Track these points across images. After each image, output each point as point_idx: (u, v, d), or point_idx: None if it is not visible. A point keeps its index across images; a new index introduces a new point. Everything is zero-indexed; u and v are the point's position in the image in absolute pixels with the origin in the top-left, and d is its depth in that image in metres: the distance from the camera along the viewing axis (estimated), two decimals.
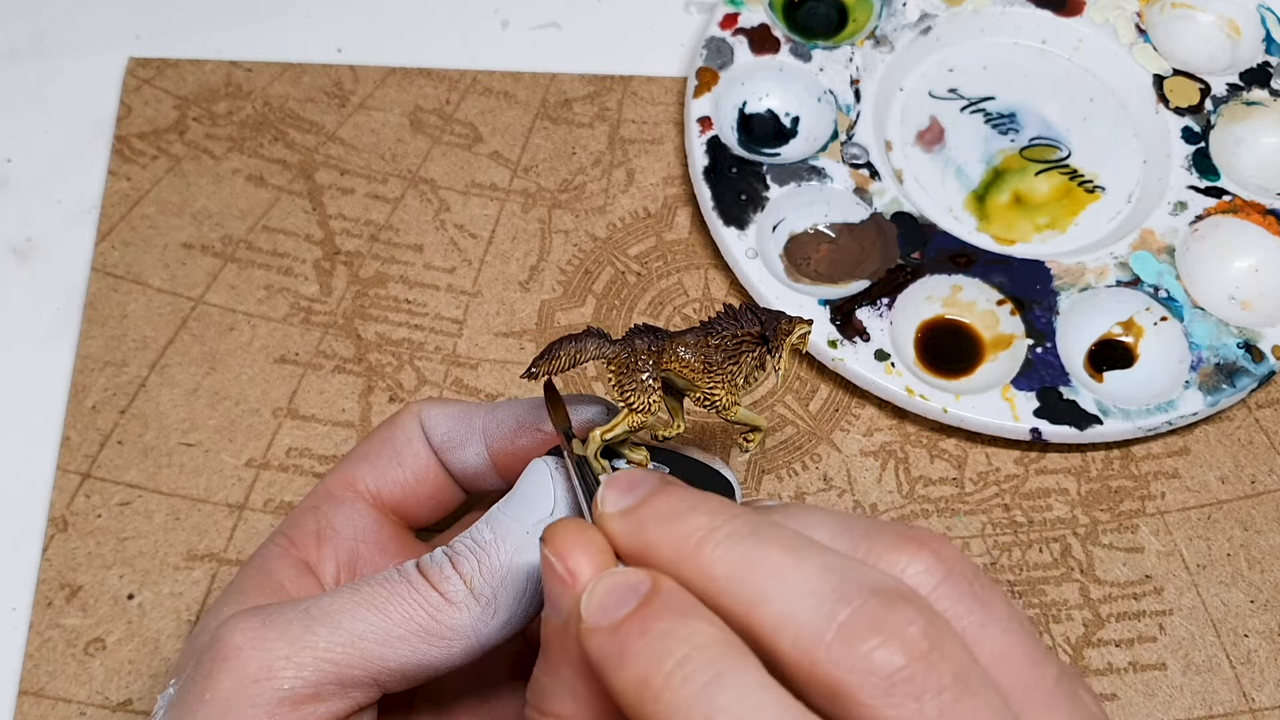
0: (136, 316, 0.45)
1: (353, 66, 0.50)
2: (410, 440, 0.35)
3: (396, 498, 0.35)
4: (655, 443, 0.35)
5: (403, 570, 0.30)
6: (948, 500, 0.43)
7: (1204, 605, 0.41)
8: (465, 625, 0.29)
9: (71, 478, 0.42)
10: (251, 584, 0.32)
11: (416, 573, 0.30)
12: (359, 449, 0.36)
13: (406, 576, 0.30)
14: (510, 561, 0.30)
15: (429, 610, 0.29)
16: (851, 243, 0.46)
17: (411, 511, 0.36)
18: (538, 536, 0.28)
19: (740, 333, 0.32)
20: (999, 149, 0.49)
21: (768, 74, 0.49)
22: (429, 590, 0.29)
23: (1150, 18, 0.51)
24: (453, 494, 0.36)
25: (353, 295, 0.46)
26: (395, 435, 0.35)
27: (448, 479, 0.36)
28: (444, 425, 0.35)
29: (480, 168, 0.48)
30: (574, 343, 0.32)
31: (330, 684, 0.28)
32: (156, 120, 0.49)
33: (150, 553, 0.41)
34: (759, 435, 0.33)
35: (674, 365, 0.32)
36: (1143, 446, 0.44)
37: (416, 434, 0.35)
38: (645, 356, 0.32)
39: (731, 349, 0.32)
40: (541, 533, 0.27)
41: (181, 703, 0.29)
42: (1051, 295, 0.45)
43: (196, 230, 0.47)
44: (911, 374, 0.43)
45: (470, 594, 0.29)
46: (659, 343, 0.32)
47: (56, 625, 0.40)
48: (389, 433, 0.36)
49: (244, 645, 0.28)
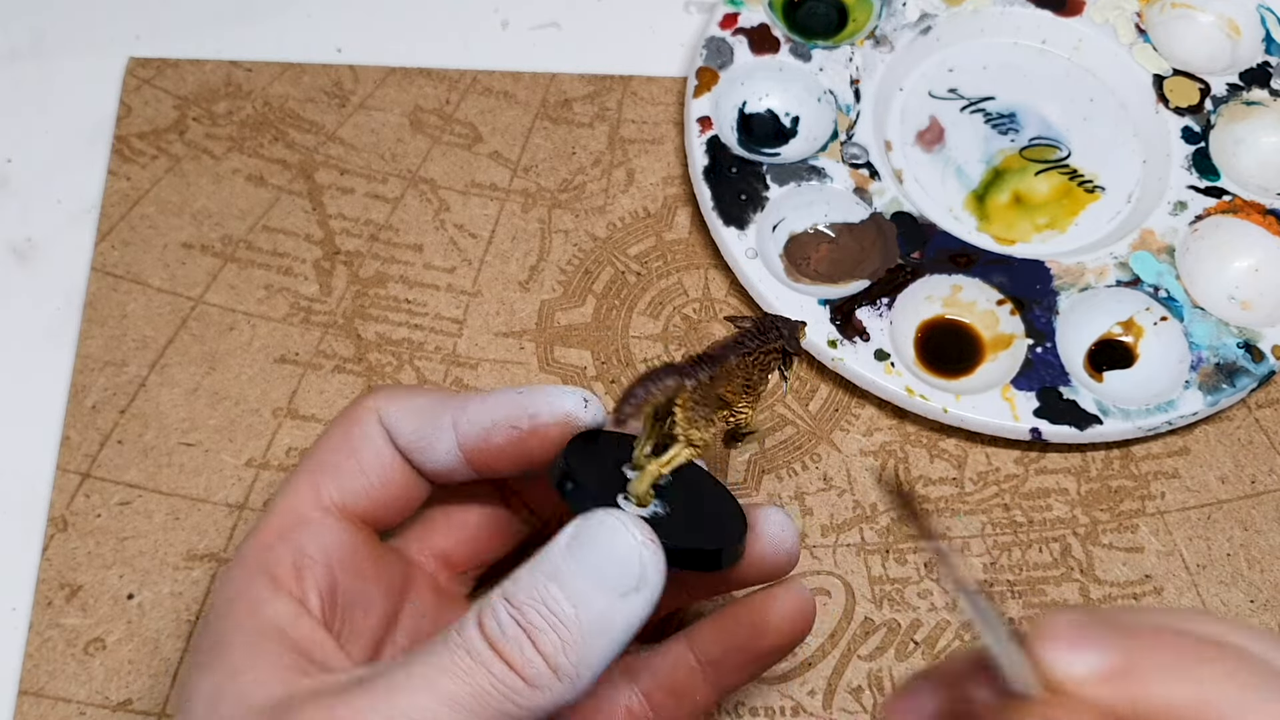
0: (136, 316, 0.45)
1: (353, 66, 0.50)
2: (372, 441, 0.33)
3: (362, 507, 0.33)
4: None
5: (468, 645, 0.27)
6: (948, 500, 0.43)
7: (1204, 605, 0.41)
8: (546, 706, 0.27)
9: (71, 477, 0.42)
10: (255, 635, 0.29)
11: (489, 650, 0.27)
12: (317, 456, 0.33)
13: (478, 655, 0.27)
14: (596, 636, 0.27)
15: (510, 695, 0.27)
16: (851, 243, 0.46)
17: (379, 517, 0.34)
18: (628, 609, 0.27)
19: (767, 347, 0.32)
20: (999, 149, 0.49)
21: (768, 74, 0.49)
22: (508, 673, 0.27)
23: (1150, 18, 0.51)
24: (420, 490, 0.34)
25: (353, 295, 0.46)
26: (353, 437, 0.33)
27: (415, 477, 0.34)
28: (409, 423, 0.33)
29: (480, 167, 0.48)
30: (654, 384, 0.30)
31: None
32: (156, 120, 0.49)
33: (150, 552, 0.41)
34: (754, 437, 0.33)
35: (728, 394, 0.31)
36: (1143, 446, 0.44)
37: (378, 434, 0.33)
38: (709, 388, 0.31)
39: (765, 365, 0.32)
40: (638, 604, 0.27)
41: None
42: (1051, 295, 0.45)
43: (196, 230, 0.47)
44: (911, 374, 0.43)
45: (554, 675, 0.27)
46: (712, 369, 0.31)
47: (56, 625, 0.40)
48: (346, 437, 0.33)
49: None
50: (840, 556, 0.42)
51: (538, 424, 0.32)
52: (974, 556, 0.42)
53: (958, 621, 0.41)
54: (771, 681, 0.40)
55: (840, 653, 0.40)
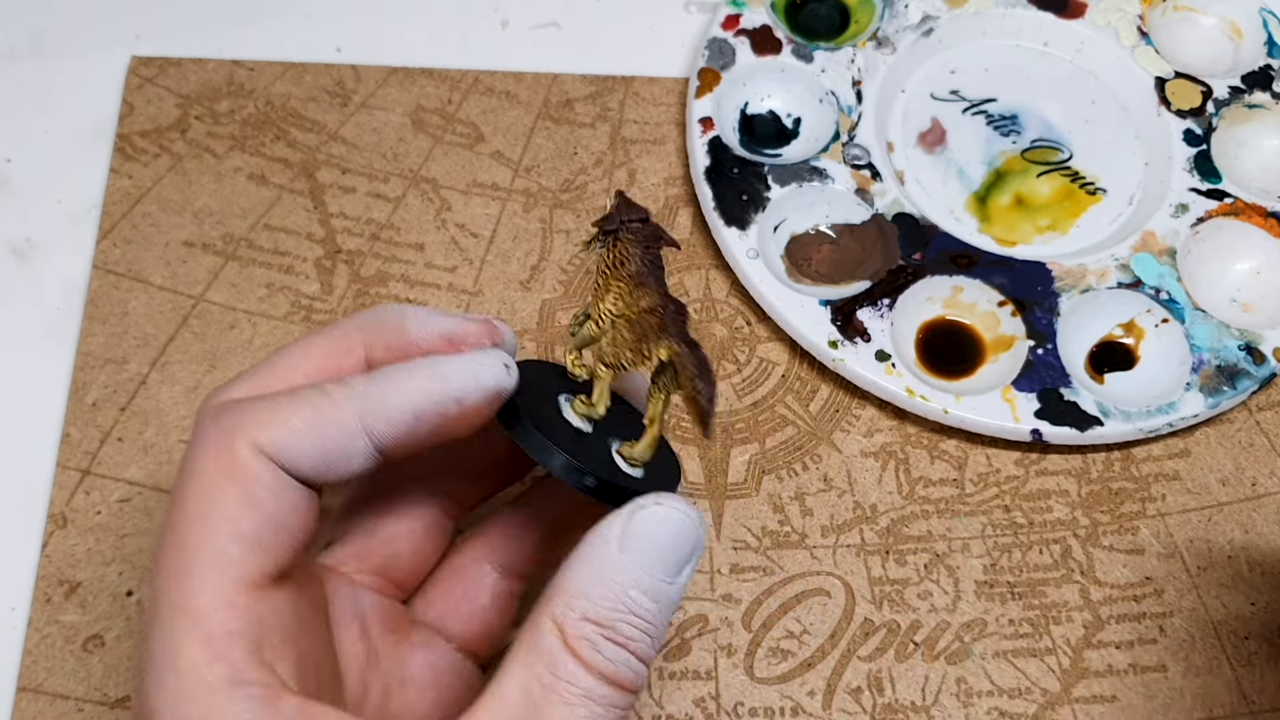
0: (137, 314, 0.45)
1: (354, 66, 0.50)
2: (271, 491, 0.26)
3: (286, 561, 0.27)
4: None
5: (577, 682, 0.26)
6: (948, 501, 0.43)
7: (1204, 607, 0.41)
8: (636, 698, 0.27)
9: (71, 474, 0.42)
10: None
11: (603, 683, 0.26)
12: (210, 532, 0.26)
13: (591, 691, 0.26)
14: (669, 612, 0.28)
15: (615, 703, 0.26)
16: (853, 243, 0.46)
17: (294, 555, 0.28)
18: (693, 569, 0.28)
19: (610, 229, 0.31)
20: (1000, 151, 0.49)
21: (769, 75, 0.49)
22: (618, 695, 0.26)
23: (1152, 20, 0.51)
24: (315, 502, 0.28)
25: (354, 294, 0.46)
26: (245, 493, 0.26)
27: (313, 497, 0.28)
28: (308, 450, 0.27)
29: (482, 167, 0.49)
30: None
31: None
32: (159, 118, 0.49)
33: (150, 550, 0.41)
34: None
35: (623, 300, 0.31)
36: (1143, 448, 0.44)
37: (271, 476, 0.27)
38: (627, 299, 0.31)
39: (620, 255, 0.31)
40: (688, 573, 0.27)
41: None
42: (1052, 297, 0.45)
43: (198, 228, 0.47)
44: (912, 375, 0.43)
45: (647, 668, 0.27)
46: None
47: (55, 622, 0.40)
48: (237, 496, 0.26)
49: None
50: (840, 557, 0.42)
51: (467, 407, 0.29)
52: (974, 558, 0.42)
53: (958, 623, 0.41)
54: (771, 682, 0.40)
55: (840, 653, 0.40)
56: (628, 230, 0.31)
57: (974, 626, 0.41)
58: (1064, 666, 0.40)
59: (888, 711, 0.39)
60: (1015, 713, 0.39)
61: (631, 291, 0.31)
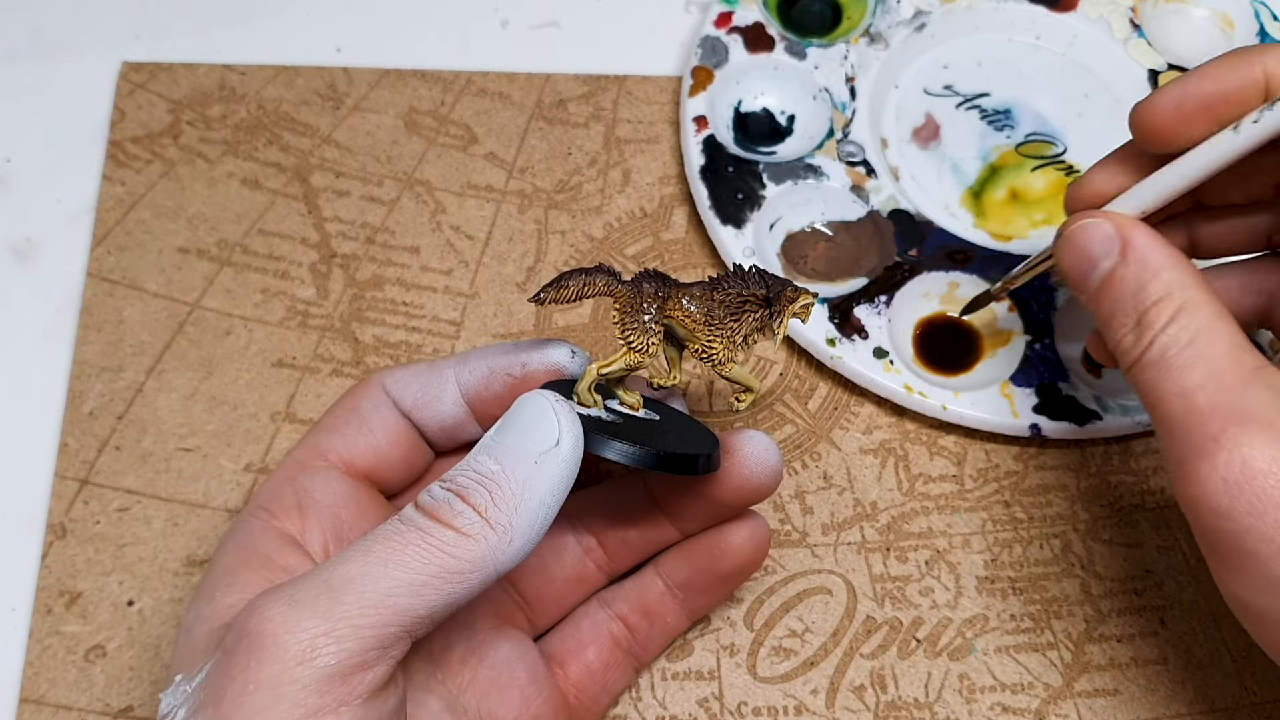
0: (133, 321, 0.45)
1: (346, 69, 0.50)
2: (377, 408, 0.36)
3: (369, 464, 0.36)
4: (651, 391, 0.36)
5: (404, 518, 0.30)
6: (947, 497, 0.43)
7: (1204, 600, 0.41)
8: (484, 556, 0.30)
9: (70, 484, 0.42)
10: (238, 563, 0.32)
11: (423, 516, 0.30)
12: (325, 421, 0.36)
13: (414, 524, 0.30)
14: (521, 489, 0.30)
15: (447, 549, 0.29)
16: (849, 240, 0.46)
17: (384, 476, 0.36)
18: (547, 466, 0.30)
19: (746, 292, 0.34)
20: (995, 145, 0.49)
21: (763, 72, 0.49)
22: (442, 530, 0.29)
23: (1144, 12, 0.51)
24: (423, 455, 0.37)
25: (349, 298, 0.45)
26: (360, 404, 0.36)
27: (418, 440, 0.37)
28: (412, 385, 0.36)
29: (476, 169, 0.48)
30: (584, 275, 0.33)
31: (372, 650, 0.28)
32: (150, 124, 0.49)
33: (149, 558, 0.41)
34: (750, 395, 0.35)
35: (677, 313, 0.33)
36: (1142, 442, 0.44)
37: (382, 401, 0.36)
38: (651, 300, 0.33)
39: (735, 306, 0.34)
40: (556, 460, 0.30)
41: (217, 697, 0.28)
42: (1049, 291, 0.45)
43: (192, 234, 0.46)
44: (910, 371, 0.43)
45: (486, 524, 0.30)
46: (666, 289, 0.33)
47: (56, 632, 0.39)
48: (353, 403, 0.36)
49: (278, 631, 0.28)
50: (841, 555, 0.42)
51: (530, 371, 0.35)
52: (974, 553, 0.42)
53: (960, 619, 0.41)
54: (774, 681, 0.40)
55: (843, 651, 0.40)
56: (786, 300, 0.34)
57: (976, 622, 0.41)
58: (1066, 661, 0.40)
59: (891, 709, 0.39)
60: (1018, 708, 0.39)
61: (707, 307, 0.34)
